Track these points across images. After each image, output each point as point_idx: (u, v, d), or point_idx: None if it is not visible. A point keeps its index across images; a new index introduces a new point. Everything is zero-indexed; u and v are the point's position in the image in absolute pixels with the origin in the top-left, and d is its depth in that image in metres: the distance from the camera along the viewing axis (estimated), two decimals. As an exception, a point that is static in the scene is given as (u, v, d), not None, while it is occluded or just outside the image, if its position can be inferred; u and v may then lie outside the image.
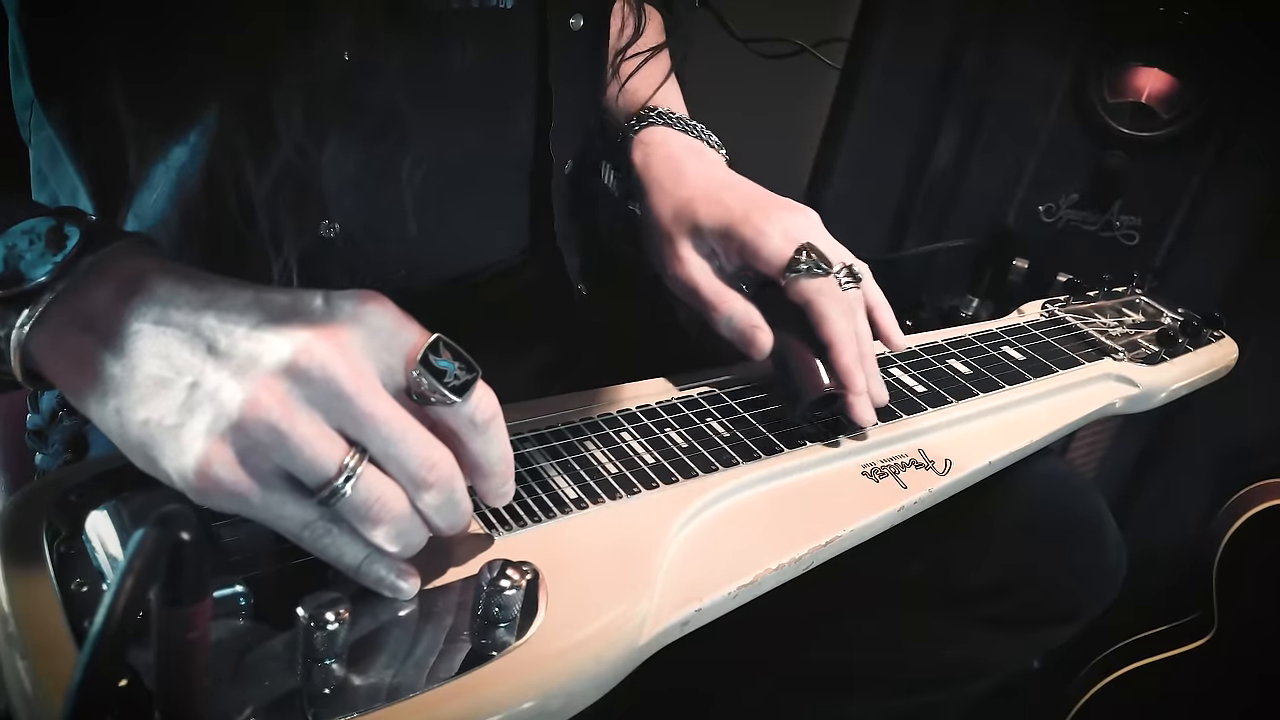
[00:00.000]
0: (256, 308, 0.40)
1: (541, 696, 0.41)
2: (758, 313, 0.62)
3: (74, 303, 0.41)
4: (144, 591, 0.28)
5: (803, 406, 0.59)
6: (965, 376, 0.69)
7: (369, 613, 0.42)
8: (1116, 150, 1.20)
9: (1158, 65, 1.18)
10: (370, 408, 0.39)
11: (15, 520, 0.44)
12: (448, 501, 0.42)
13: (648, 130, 0.71)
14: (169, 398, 0.38)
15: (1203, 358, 0.80)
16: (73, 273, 0.41)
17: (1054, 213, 1.26)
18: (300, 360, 0.38)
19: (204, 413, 0.38)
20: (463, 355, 0.41)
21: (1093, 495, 0.75)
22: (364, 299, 0.41)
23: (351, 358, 0.39)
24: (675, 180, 0.67)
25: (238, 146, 0.52)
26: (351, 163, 0.54)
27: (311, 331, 0.39)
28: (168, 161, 0.54)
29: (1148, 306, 0.87)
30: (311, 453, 0.38)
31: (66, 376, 0.41)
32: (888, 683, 0.75)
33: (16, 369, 0.42)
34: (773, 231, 0.61)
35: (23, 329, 0.41)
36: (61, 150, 0.55)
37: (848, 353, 0.59)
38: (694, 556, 0.50)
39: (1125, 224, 1.23)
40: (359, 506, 0.39)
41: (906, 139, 1.32)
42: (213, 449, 0.37)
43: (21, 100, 0.58)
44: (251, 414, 0.37)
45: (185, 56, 0.51)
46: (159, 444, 0.38)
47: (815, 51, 1.49)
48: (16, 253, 0.42)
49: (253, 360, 0.38)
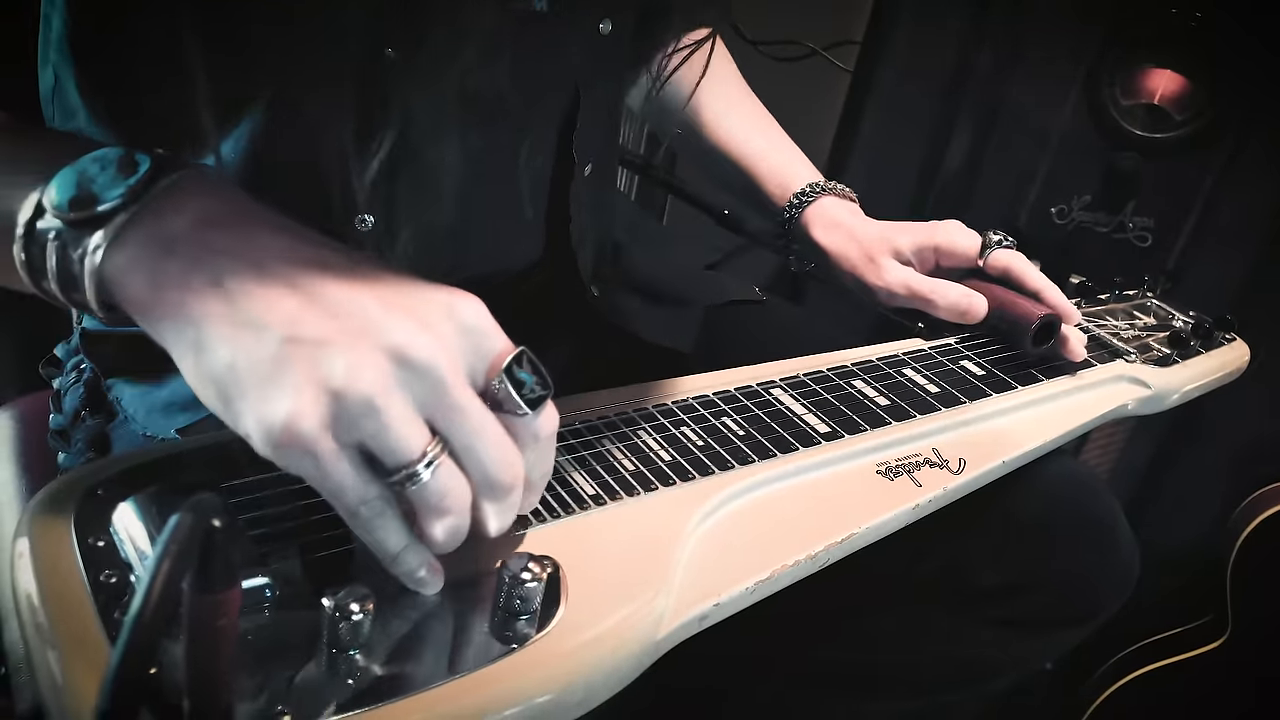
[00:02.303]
0: (362, 279, 0.40)
1: (561, 689, 0.41)
2: (965, 287, 0.76)
3: (151, 226, 0.40)
4: (180, 576, 0.29)
5: (1028, 339, 0.71)
6: (978, 377, 0.69)
7: (392, 605, 0.42)
8: (1129, 152, 1.20)
9: (1170, 67, 1.18)
10: (463, 401, 0.39)
11: (45, 514, 0.44)
12: (509, 505, 0.42)
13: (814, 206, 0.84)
14: (260, 344, 0.38)
15: (1215, 360, 0.80)
16: (148, 196, 0.41)
17: (1066, 214, 1.26)
18: (410, 345, 0.38)
19: (301, 367, 0.37)
20: (541, 371, 0.42)
21: (1106, 497, 0.75)
22: (461, 297, 0.41)
23: (450, 353, 0.39)
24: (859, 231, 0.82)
25: (278, 141, 0.53)
26: (387, 160, 0.55)
27: (417, 320, 0.39)
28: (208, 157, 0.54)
29: (1160, 309, 0.87)
30: (400, 434, 0.38)
31: (143, 303, 0.40)
32: (902, 682, 0.76)
33: (91, 296, 0.41)
34: (958, 232, 0.79)
35: (96, 253, 0.40)
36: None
37: (1055, 291, 0.75)
38: (711, 552, 0.50)
39: (1138, 226, 1.23)
40: (432, 495, 0.39)
41: (918, 141, 1.32)
42: (305, 405, 0.37)
43: (45, 91, 0.58)
44: (354, 384, 0.37)
45: (230, 53, 0.51)
46: (242, 387, 0.38)
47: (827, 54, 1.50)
48: (88, 176, 0.41)
49: (363, 331, 0.38)
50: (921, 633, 0.73)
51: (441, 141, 0.58)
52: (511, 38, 0.60)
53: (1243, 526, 1.20)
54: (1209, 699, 1.24)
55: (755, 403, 0.62)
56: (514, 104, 0.63)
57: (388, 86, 0.53)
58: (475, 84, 0.59)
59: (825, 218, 0.83)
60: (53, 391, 0.70)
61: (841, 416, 0.62)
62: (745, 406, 0.61)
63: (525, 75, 0.63)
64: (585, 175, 0.70)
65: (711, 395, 0.62)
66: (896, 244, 0.79)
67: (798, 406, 0.62)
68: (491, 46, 0.58)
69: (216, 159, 0.53)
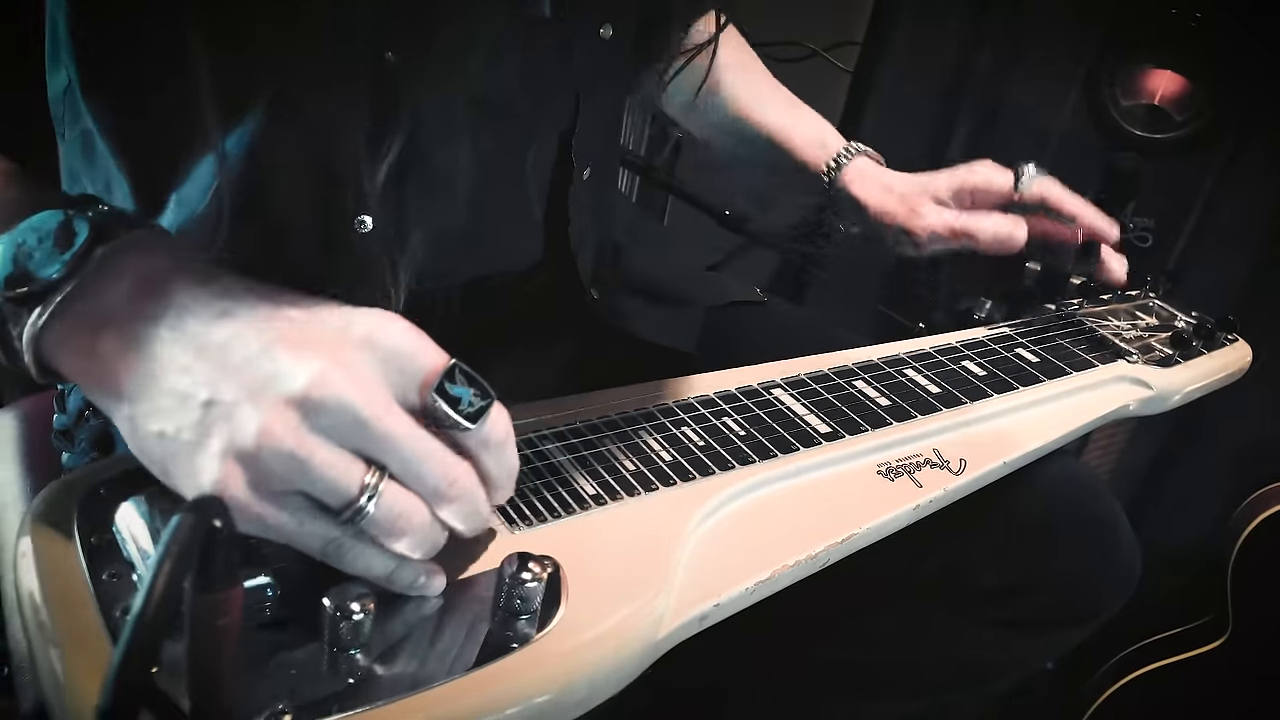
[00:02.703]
0: (272, 323, 0.40)
1: (562, 689, 0.41)
2: (1004, 216, 0.79)
3: (86, 300, 0.41)
4: (181, 576, 0.29)
5: (1071, 260, 0.75)
6: (979, 378, 0.69)
7: (393, 604, 0.42)
8: (1129, 152, 1.20)
9: (1170, 67, 1.18)
10: (388, 429, 0.39)
11: (47, 513, 0.44)
12: (470, 512, 0.42)
13: (850, 166, 0.87)
14: (184, 413, 0.38)
15: (1216, 360, 0.80)
16: (83, 270, 0.41)
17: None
18: (314, 391, 0.38)
19: (219, 434, 0.38)
20: (478, 381, 0.41)
21: (1108, 497, 0.75)
22: (381, 321, 0.41)
23: (365, 382, 0.39)
24: (892, 185, 0.86)
25: (279, 142, 0.53)
26: (387, 162, 0.55)
27: (326, 358, 0.39)
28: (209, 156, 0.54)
29: (1161, 309, 0.87)
30: (331, 476, 0.38)
31: (81, 376, 0.41)
32: (903, 682, 0.76)
33: (31, 366, 0.42)
34: (989, 170, 0.83)
35: (36, 326, 0.41)
36: (101, 143, 0.55)
37: (1092, 213, 0.80)
38: (712, 552, 0.50)
39: (1138, 226, 1.23)
40: (383, 522, 0.39)
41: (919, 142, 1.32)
42: (229, 472, 0.37)
43: (55, 93, 0.58)
44: (267, 442, 0.37)
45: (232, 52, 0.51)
46: (174, 459, 0.39)
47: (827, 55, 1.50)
48: (25, 250, 0.41)
49: (267, 383, 0.38)
50: (922, 633, 0.73)
51: (449, 144, 0.58)
52: (518, 41, 0.60)
53: (1243, 526, 1.20)
54: (1210, 698, 1.24)
55: (756, 403, 0.62)
56: (521, 108, 0.63)
57: (396, 88, 0.53)
58: (483, 88, 0.59)
59: (863, 175, 0.86)
60: (56, 391, 0.70)
61: (842, 417, 0.62)
62: (746, 406, 0.61)
63: (531, 79, 0.63)
64: (584, 179, 0.70)
65: (712, 395, 0.62)
66: (934, 189, 0.83)
67: (799, 406, 0.62)
68: (499, 50, 0.58)
69: (220, 158, 0.53)
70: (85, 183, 0.59)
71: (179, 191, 0.56)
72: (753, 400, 0.62)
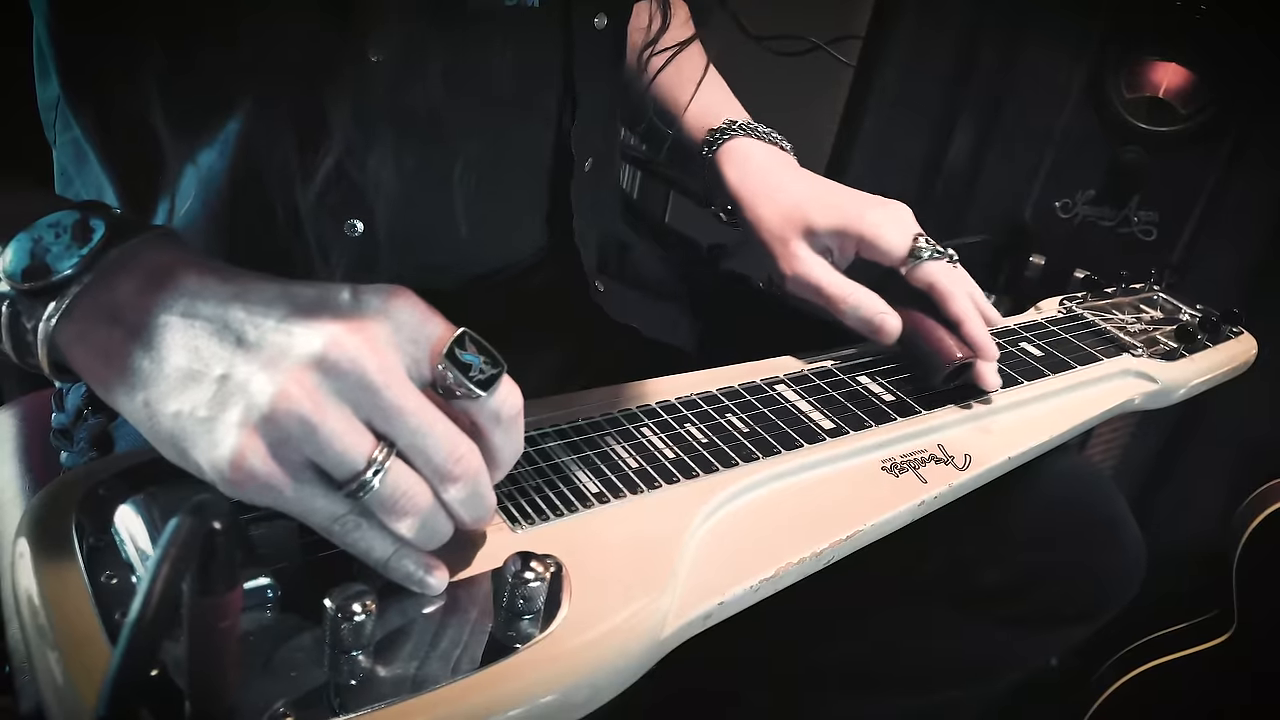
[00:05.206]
0: (284, 300, 0.40)
1: (565, 689, 0.41)
2: (882, 300, 0.66)
3: (100, 295, 0.41)
4: (180, 578, 0.29)
5: (940, 377, 0.63)
6: (984, 372, 0.69)
7: (394, 605, 0.42)
8: (1133, 146, 1.20)
9: (1175, 60, 1.17)
10: (398, 400, 0.39)
11: (45, 514, 0.44)
12: (473, 494, 0.42)
13: (732, 143, 0.75)
14: (199, 390, 0.39)
15: (1222, 354, 0.79)
16: (99, 265, 0.42)
17: (1070, 209, 1.26)
18: (330, 353, 0.38)
19: (236, 405, 0.38)
20: (488, 349, 0.41)
21: (1112, 492, 0.74)
22: (391, 293, 0.41)
23: (379, 351, 0.39)
24: (777, 189, 0.72)
25: (266, 147, 0.53)
26: (378, 162, 0.55)
27: (340, 324, 0.39)
28: (196, 162, 0.54)
29: (1166, 303, 0.86)
30: (341, 445, 0.38)
31: (94, 370, 0.41)
32: (907, 680, 0.75)
33: (44, 362, 0.42)
34: (889, 225, 0.68)
35: (50, 321, 0.41)
36: (89, 151, 0.56)
37: (976, 325, 0.65)
38: (716, 550, 0.50)
39: (1143, 220, 1.22)
40: (386, 499, 0.39)
41: (922, 136, 1.31)
42: (246, 441, 0.38)
43: (46, 101, 0.58)
44: (283, 406, 0.38)
45: (215, 59, 0.51)
46: (191, 436, 0.39)
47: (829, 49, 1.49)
48: (43, 245, 0.42)
49: (282, 352, 0.39)
50: (926, 630, 0.73)
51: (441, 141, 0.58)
52: (509, 34, 0.60)
53: (1249, 521, 1.20)
54: (1214, 694, 1.24)
55: (760, 399, 0.62)
56: (517, 101, 0.63)
57: (381, 86, 0.53)
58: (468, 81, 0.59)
59: (740, 157, 0.73)
60: (55, 390, 0.70)
61: (846, 413, 0.61)
62: (749, 403, 0.61)
63: (524, 72, 0.62)
64: (585, 172, 0.69)
65: (715, 391, 0.62)
66: (812, 223, 0.69)
67: (802, 403, 0.62)
68: (489, 44, 0.58)
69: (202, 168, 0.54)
70: (78, 187, 0.59)
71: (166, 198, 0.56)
72: (756, 396, 0.62)
